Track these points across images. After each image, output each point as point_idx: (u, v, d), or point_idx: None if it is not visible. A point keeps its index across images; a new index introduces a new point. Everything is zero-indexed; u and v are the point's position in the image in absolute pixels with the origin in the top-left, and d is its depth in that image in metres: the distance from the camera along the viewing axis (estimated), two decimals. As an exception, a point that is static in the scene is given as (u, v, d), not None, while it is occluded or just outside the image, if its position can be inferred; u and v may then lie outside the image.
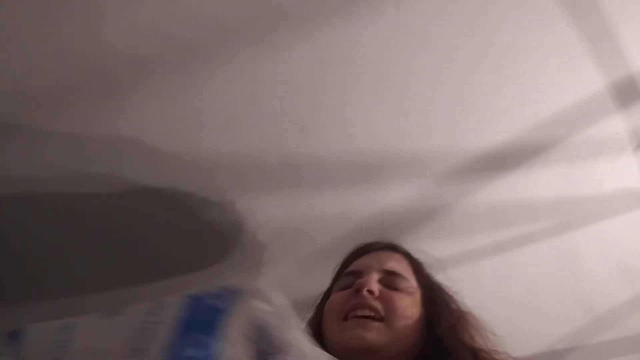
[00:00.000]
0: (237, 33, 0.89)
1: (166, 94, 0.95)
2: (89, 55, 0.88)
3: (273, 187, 1.11)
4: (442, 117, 1.07)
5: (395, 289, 0.76)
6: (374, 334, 0.69)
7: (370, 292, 0.72)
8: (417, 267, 0.84)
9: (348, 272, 0.82)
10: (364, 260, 0.83)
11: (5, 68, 0.87)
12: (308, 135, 1.05)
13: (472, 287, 0.90)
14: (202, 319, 0.50)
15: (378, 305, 0.72)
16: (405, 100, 1.03)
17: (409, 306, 0.74)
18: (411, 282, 0.79)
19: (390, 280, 0.77)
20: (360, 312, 0.71)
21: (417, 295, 0.78)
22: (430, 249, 0.97)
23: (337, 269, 0.89)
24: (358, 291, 0.73)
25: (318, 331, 0.77)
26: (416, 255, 0.90)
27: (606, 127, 1.12)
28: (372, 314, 0.70)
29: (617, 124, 1.12)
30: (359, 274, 0.79)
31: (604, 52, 0.99)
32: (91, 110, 0.95)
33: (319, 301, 0.88)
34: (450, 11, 0.91)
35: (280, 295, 0.55)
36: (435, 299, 0.79)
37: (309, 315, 0.87)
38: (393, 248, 0.88)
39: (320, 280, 0.90)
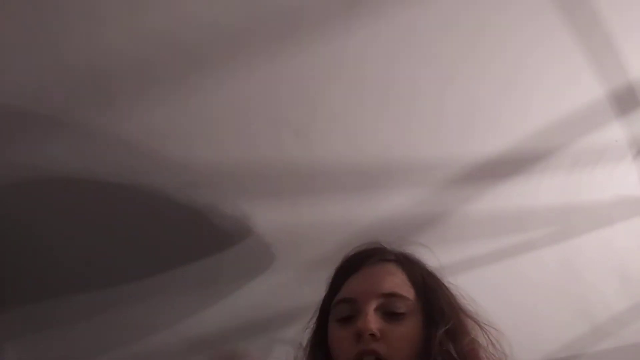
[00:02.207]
0: (239, 41, 0.89)
1: (167, 101, 0.95)
2: (91, 61, 0.88)
3: (274, 194, 1.11)
4: (442, 126, 1.07)
5: (396, 313, 0.75)
6: None
7: (373, 335, 0.72)
8: (412, 271, 0.82)
9: (343, 299, 0.79)
10: (358, 283, 0.80)
11: (6, 72, 0.87)
12: (309, 143, 1.05)
13: (472, 295, 0.89)
14: None
15: (382, 348, 0.72)
16: (406, 108, 1.03)
17: (411, 336, 0.75)
18: (409, 296, 0.78)
19: (389, 304, 0.76)
20: (366, 359, 0.72)
21: (417, 311, 0.77)
22: (430, 256, 0.97)
23: (329, 282, 0.86)
24: (360, 335, 0.73)
25: (324, 348, 0.79)
26: (407, 251, 0.87)
27: (606, 134, 1.12)
28: (378, 358, 0.72)
29: (616, 132, 1.12)
30: (354, 302, 0.77)
31: (603, 60, 1.00)
32: (94, 116, 0.95)
33: (318, 312, 0.86)
34: (452, 21, 0.92)
35: None
36: (433, 309, 0.77)
37: (311, 325, 0.86)
38: (385, 258, 0.84)
39: (320, 287, 0.90)
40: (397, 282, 0.79)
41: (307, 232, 1.18)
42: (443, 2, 0.89)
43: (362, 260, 0.84)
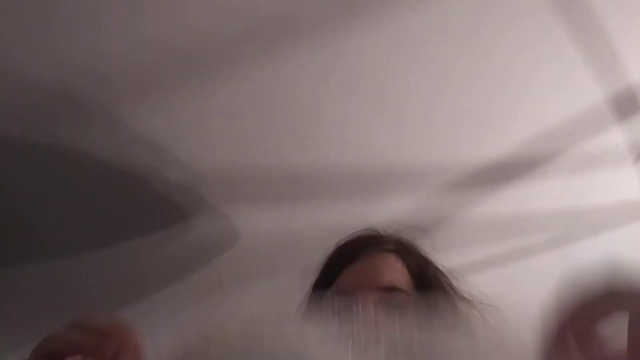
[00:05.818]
0: (238, 46, 0.89)
1: (167, 106, 0.95)
2: (90, 66, 0.88)
3: (272, 199, 1.11)
4: (441, 129, 1.07)
5: (394, 307, 0.66)
6: None
7: None
8: (410, 261, 0.75)
9: (339, 293, 0.72)
10: (355, 276, 0.73)
11: (5, 75, 0.87)
12: (308, 147, 1.05)
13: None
14: None
15: None
16: (404, 112, 1.03)
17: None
18: (408, 289, 0.71)
19: (387, 297, 0.69)
20: None
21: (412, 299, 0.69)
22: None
23: (322, 270, 0.80)
24: None
25: None
26: (403, 237, 0.79)
27: (606, 138, 1.11)
28: None
29: (616, 136, 1.11)
30: (352, 298, 0.67)
31: (602, 63, 0.99)
32: (91, 122, 0.94)
33: (307, 303, 0.79)
34: (448, 25, 0.91)
35: None
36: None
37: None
38: (384, 249, 0.76)
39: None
40: (396, 275, 0.73)
41: (306, 237, 1.18)
42: (435, 4, 0.88)
43: (359, 249, 0.77)
